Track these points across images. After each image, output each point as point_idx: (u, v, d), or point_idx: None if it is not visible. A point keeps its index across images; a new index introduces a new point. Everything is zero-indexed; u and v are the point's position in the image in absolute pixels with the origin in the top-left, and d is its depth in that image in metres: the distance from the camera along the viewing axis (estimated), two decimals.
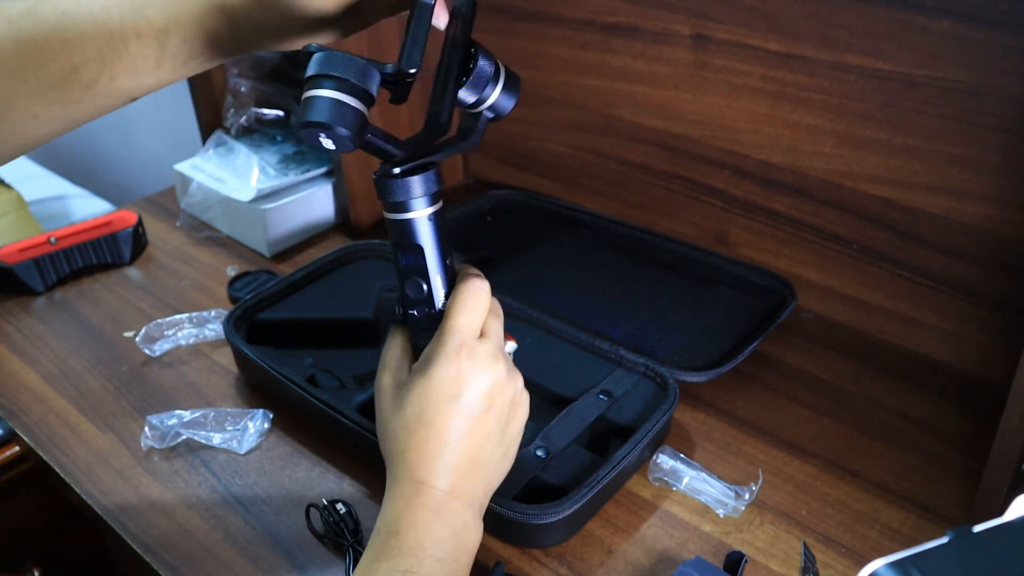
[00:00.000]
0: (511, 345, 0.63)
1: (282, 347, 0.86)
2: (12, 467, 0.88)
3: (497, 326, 0.60)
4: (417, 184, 0.57)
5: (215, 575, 0.67)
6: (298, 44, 0.57)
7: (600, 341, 0.82)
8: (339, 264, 0.97)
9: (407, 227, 0.58)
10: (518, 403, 0.60)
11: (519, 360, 0.62)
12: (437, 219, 0.58)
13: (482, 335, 0.58)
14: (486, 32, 1.11)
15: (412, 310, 0.60)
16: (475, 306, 0.58)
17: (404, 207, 0.57)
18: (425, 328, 0.59)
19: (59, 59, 0.52)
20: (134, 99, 0.57)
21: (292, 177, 1.08)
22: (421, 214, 0.57)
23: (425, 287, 0.59)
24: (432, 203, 0.58)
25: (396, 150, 0.56)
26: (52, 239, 1.02)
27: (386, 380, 0.60)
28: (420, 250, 0.58)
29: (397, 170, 0.57)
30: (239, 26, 0.55)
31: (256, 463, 0.77)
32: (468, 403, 0.56)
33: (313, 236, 1.11)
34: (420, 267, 0.59)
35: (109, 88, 0.54)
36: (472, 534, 0.57)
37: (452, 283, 0.59)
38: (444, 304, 0.59)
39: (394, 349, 0.62)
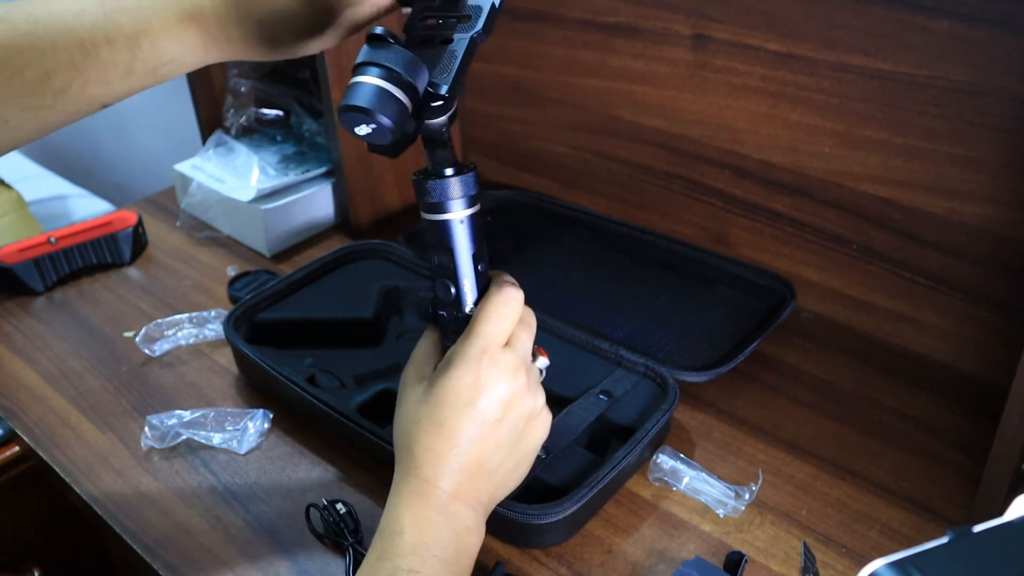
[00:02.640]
0: (543, 361, 0.63)
1: (282, 347, 0.86)
2: (12, 467, 0.88)
3: (526, 338, 0.60)
4: (454, 186, 0.57)
5: (215, 575, 0.67)
6: (271, 57, 0.58)
7: (600, 341, 0.82)
8: (339, 264, 0.97)
9: (440, 228, 0.58)
10: (536, 420, 0.60)
11: None
12: (472, 223, 0.59)
13: (508, 344, 0.58)
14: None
15: (442, 311, 0.61)
16: (504, 314, 0.58)
17: (439, 208, 0.58)
18: (452, 331, 0.60)
19: (32, 66, 0.53)
20: (105, 106, 0.58)
21: (292, 177, 1.08)
22: (455, 216, 0.58)
23: (453, 290, 0.59)
24: (468, 206, 0.58)
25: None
26: (52, 239, 1.02)
27: (410, 375, 0.61)
28: (451, 252, 0.59)
29: (450, 171, 0.57)
30: (212, 37, 0.56)
31: (256, 463, 0.77)
32: (482, 410, 0.56)
33: (313, 236, 1.11)
34: (450, 269, 0.59)
35: (81, 94, 0.55)
36: (474, 538, 0.57)
37: (483, 289, 0.60)
38: (472, 308, 0.60)
39: (424, 346, 0.63)
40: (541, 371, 0.63)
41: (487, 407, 0.56)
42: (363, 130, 0.52)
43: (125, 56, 0.54)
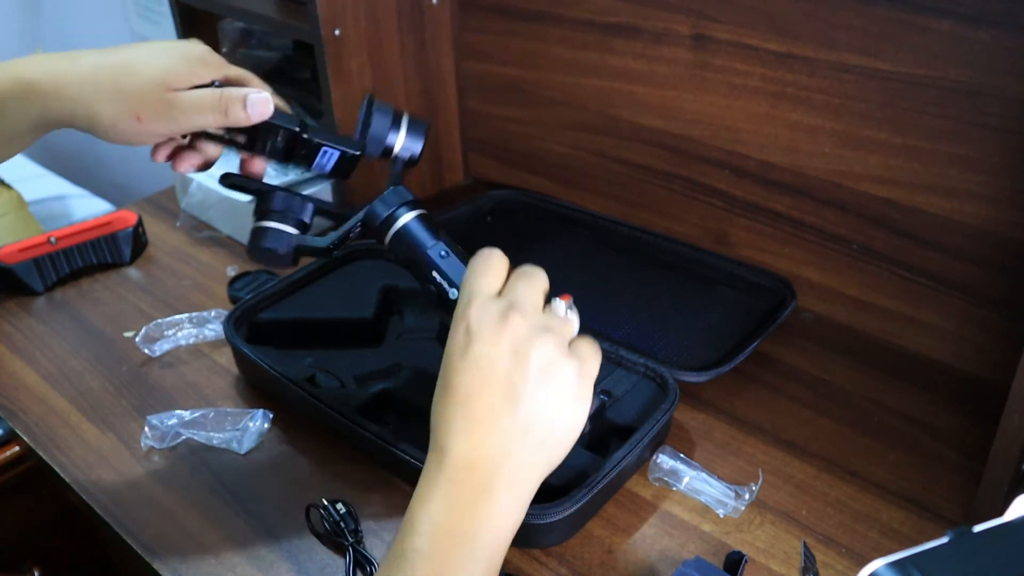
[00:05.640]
0: (560, 303, 0.56)
1: (282, 347, 0.86)
2: (12, 467, 0.88)
3: (522, 286, 0.55)
4: (389, 198, 0.64)
5: (215, 575, 0.67)
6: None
7: (600, 341, 0.82)
8: (339, 264, 0.97)
9: (398, 241, 0.63)
10: (553, 365, 0.52)
11: None
12: (421, 223, 0.63)
13: (500, 295, 0.54)
14: (486, 32, 1.11)
15: (446, 313, 0.62)
16: (484, 269, 0.55)
17: (389, 222, 0.64)
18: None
19: None
20: None
21: (292, 177, 1.08)
22: (402, 222, 0.64)
23: (433, 287, 0.62)
24: (411, 210, 0.64)
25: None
26: (52, 239, 1.02)
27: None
28: (416, 253, 0.63)
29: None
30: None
31: (256, 463, 0.77)
32: (476, 355, 0.51)
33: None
34: (424, 271, 0.63)
35: None
36: (494, 508, 0.51)
37: (461, 274, 0.60)
38: (455, 292, 0.61)
39: None
40: (567, 315, 0.56)
41: (481, 351, 0.52)
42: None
43: None
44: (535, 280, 0.55)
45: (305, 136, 0.68)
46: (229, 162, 0.74)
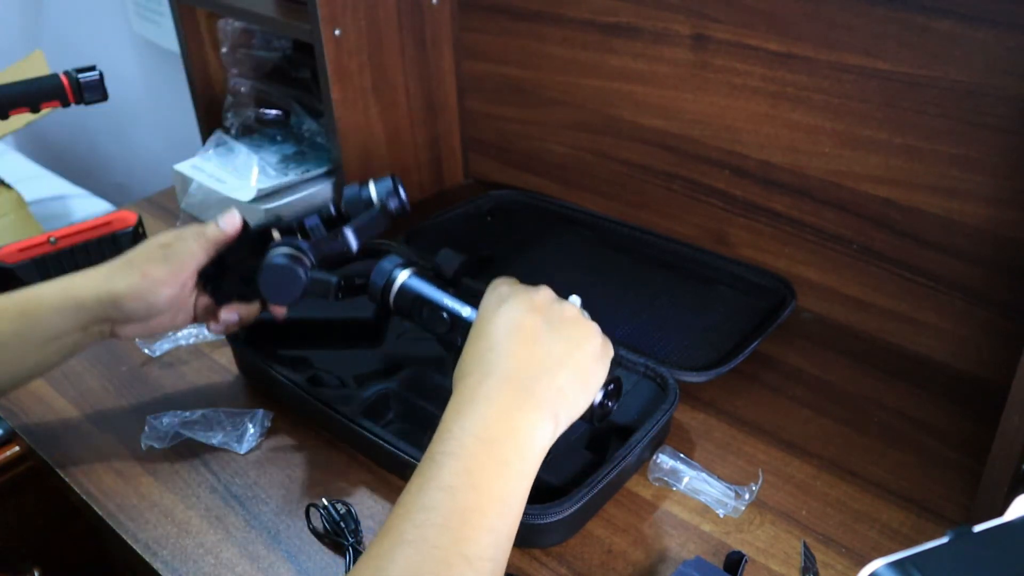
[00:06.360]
0: (576, 298, 0.66)
1: (282, 347, 0.86)
2: (12, 467, 0.87)
3: (542, 287, 0.64)
4: (384, 265, 0.72)
5: (215, 575, 0.67)
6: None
7: None
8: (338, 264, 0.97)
9: (402, 295, 0.71)
10: (580, 321, 0.61)
11: None
12: (419, 275, 0.71)
13: None
14: (486, 32, 1.11)
15: (456, 338, 0.67)
16: (504, 280, 0.63)
17: (389, 283, 0.71)
18: (463, 336, 0.64)
19: None
20: None
21: (292, 177, 1.08)
22: (401, 278, 0.71)
23: (446, 314, 0.68)
24: (405, 268, 0.72)
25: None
26: (52, 239, 1.02)
27: None
28: (423, 297, 0.69)
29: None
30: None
31: (256, 463, 0.77)
32: (509, 308, 0.60)
33: None
34: (432, 306, 0.69)
35: None
36: (525, 420, 0.55)
37: (471, 303, 0.67)
38: (470, 311, 0.67)
39: None
40: (582, 310, 0.64)
41: (513, 305, 0.60)
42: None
43: None
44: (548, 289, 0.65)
45: (284, 219, 0.77)
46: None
